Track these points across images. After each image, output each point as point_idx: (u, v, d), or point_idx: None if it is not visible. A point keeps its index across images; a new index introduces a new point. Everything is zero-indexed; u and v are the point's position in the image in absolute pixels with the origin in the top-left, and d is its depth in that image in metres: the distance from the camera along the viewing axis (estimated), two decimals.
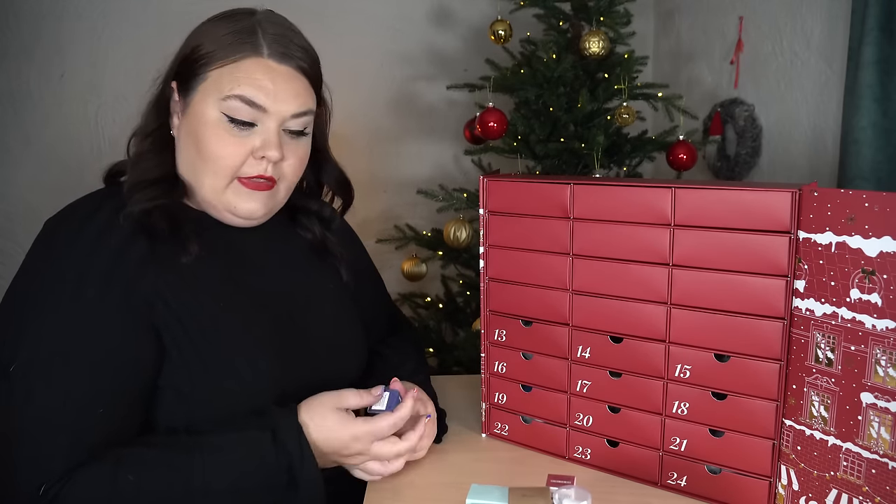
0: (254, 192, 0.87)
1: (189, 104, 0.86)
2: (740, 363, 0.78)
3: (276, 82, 0.85)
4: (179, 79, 0.87)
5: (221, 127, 0.84)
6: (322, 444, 0.81)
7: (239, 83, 0.83)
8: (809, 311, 0.73)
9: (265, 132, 0.85)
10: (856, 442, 0.70)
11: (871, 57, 1.35)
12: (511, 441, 0.99)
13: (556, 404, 0.94)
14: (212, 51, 0.84)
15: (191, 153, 0.87)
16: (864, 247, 0.67)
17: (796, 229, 0.73)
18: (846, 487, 0.71)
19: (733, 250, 0.77)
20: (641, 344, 0.85)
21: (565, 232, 0.89)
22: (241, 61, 0.84)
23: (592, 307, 0.88)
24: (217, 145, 0.84)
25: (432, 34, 2.36)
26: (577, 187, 0.87)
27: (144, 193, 0.84)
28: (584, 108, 1.65)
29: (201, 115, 0.85)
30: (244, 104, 0.83)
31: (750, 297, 0.77)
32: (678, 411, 0.84)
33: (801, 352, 0.74)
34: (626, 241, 0.84)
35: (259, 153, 0.85)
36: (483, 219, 0.97)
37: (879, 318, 0.67)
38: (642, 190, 0.82)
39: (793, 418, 0.76)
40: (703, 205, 0.78)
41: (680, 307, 0.82)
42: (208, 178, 0.86)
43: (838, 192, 0.68)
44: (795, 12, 1.73)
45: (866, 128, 1.37)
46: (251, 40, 0.85)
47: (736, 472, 0.81)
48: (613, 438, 0.90)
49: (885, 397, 0.67)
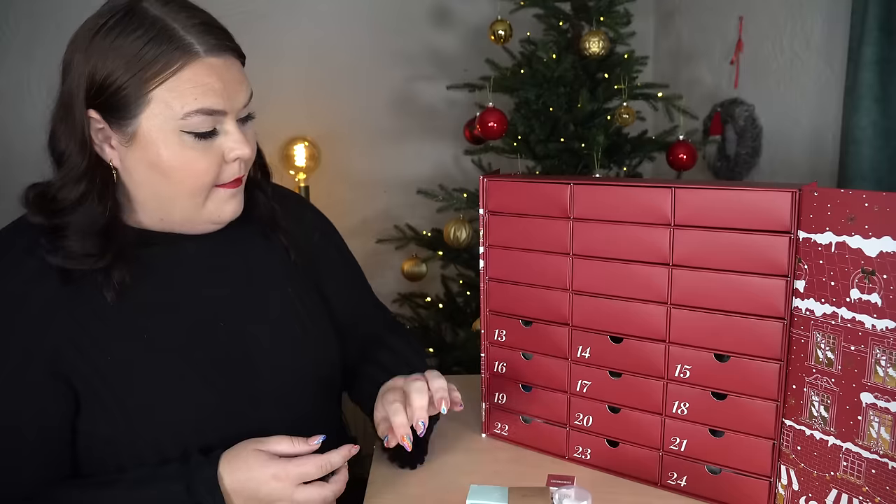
0: (231, 191, 0.83)
1: (134, 133, 0.77)
2: (740, 363, 0.78)
3: (223, 79, 0.78)
4: (101, 108, 0.76)
5: (186, 146, 0.77)
6: (238, 491, 0.76)
7: (193, 96, 0.76)
8: (809, 311, 0.73)
9: (228, 134, 0.80)
10: (856, 442, 0.70)
11: (871, 57, 1.36)
12: (511, 441, 0.99)
13: (556, 404, 0.94)
14: (133, 70, 0.74)
15: (154, 183, 0.79)
16: (864, 247, 0.67)
17: (796, 229, 0.73)
18: (846, 487, 0.71)
19: (733, 250, 0.77)
20: (641, 344, 0.85)
21: (565, 232, 0.89)
22: (181, 71, 0.75)
23: (592, 307, 0.88)
24: (190, 166, 0.78)
25: (432, 34, 2.36)
26: (576, 187, 0.87)
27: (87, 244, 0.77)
28: (584, 108, 1.65)
29: (159, 141, 0.77)
30: (205, 116, 0.77)
31: (750, 297, 0.77)
32: (678, 411, 0.84)
33: (801, 352, 0.74)
34: (626, 241, 0.84)
35: (232, 156, 0.80)
36: (483, 219, 0.97)
37: (879, 318, 0.67)
38: (642, 190, 0.82)
39: (793, 418, 0.76)
40: (703, 205, 0.78)
41: (680, 307, 0.82)
42: (183, 200, 0.81)
43: (838, 192, 0.68)
44: (795, 12, 1.73)
45: (866, 128, 1.38)
46: (177, 43, 0.75)
47: (736, 472, 0.81)
48: (613, 438, 0.90)
49: (885, 397, 0.67)
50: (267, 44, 2.28)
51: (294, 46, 2.31)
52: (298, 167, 2.30)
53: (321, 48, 2.34)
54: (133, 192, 0.81)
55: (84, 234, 0.77)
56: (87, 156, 0.78)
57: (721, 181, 0.94)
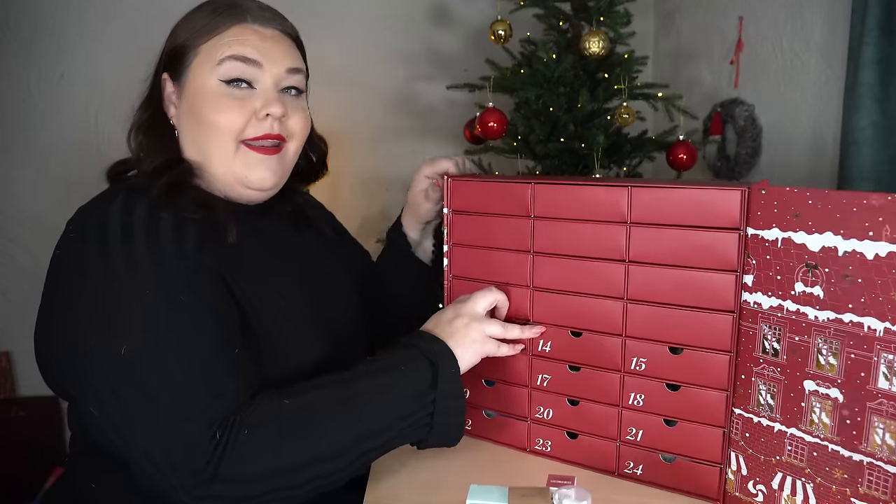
0: (263, 157, 0.89)
1: (184, 85, 0.88)
2: (693, 355, 0.82)
3: (265, 42, 0.88)
4: (170, 69, 0.90)
5: (221, 93, 0.86)
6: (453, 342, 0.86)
7: (230, 45, 0.86)
8: (757, 304, 0.77)
9: (264, 92, 0.88)
10: (799, 427, 0.74)
11: (871, 57, 1.35)
12: (474, 435, 1.01)
13: (518, 398, 0.96)
14: (195, 32, 0.87)
15: (194, 131, 0.88)
16: (808, 242, 0.71)
17: (745, 226, 0.77)
18: (790, 470, 0.75)
19: (686, 247, 0.81)
20: (600, 338, 0.88)
21: (526, 230, 0.91)
22: (227, 29, 0.87)
23: (553, 303, 0.91)
24: (218, 112, 0.86)
25: (432, 34, 2.37)
26: (537, 187, 0.90)
27: (164, 176, 0.84)
28: (584, 108, 1.64)
29: (199, 88, 0.87)
30: (238, 62, 0.86)
31: (702, 291, 0.80)
32: (634, 403, 0.87)
33: (749, 343, 0.78)
34: (584, 238, 0.87)
35: (262, 112, 0.87)
36: (447, 218, 0.98)
37: (821, 310, 0.71)
38: (600, 189, 0.85)
39: (742, 407, 0.80)
40: (658, 203, 0.82)
41: (636, 302, 0.85)
42: (215, 148, 0.87)
43: (784, 191, 0.73)
44: (795, 12, 1.72)
45: (866, 128, 1.37)
46: (233, 12, 0.88)
47: (689, 459, 0.84)
48: (573, 430, 0.92)
49: (826, 384, 0.71)
50: None
51: None
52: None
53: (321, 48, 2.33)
54: (185, 148, 0.90)
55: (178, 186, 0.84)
56: (155, 112, 0.90)
57: (674, 181, 0.97)
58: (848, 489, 0.70)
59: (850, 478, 0.70)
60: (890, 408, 0.67)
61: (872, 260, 0.67)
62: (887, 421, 0.67)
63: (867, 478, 0.69)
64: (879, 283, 0.66)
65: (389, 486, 0.89)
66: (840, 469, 0.71)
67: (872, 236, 0.66)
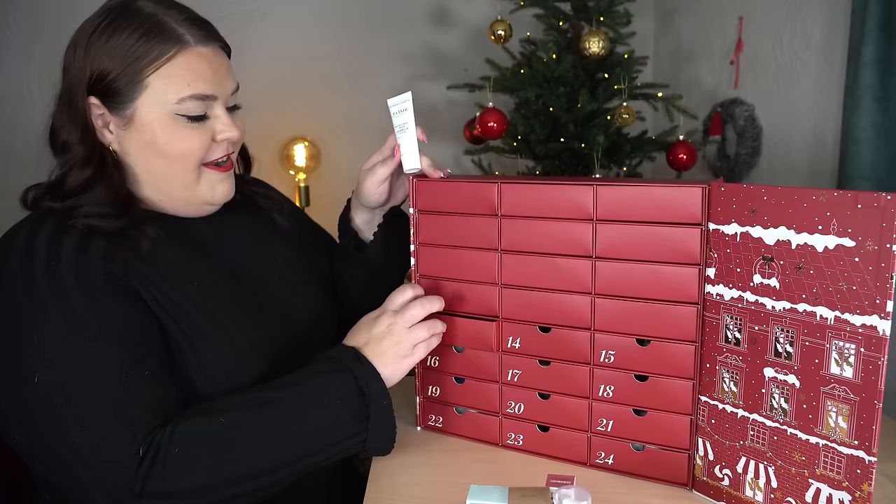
0: (223, 175, 0.92)
1: (132, 116, 0.85)
2: (660, 346, 0.85)
3: (213, 67, 0.88)
4: (100, 95, 0.84)
5: (180, 125, 0.86)
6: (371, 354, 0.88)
7: (186, 82, 0.85)
8: (719, 295, 0.80)
9: (218, 118, 0.89)
10: (760, 413, 0.78)
11: (871, 57, 1.37)
12: (445, 432, 1.02)
13: (489, 394, 0.98)
14: (131, 60, 0.83)
15: (151, 162, 0.88)
16: (764, 236, 0.74)
17: (706, 221, 0.80)
18: (753, 454, 0.79)
19: (651, 242, 0.83)
20: (568, 332, 0.90)
21: (493, 229, 0.93)
22: (174, 59, 0.84)
23: (521, 300, 0.93)
24: (183, 143, 0.86)
25: (432, 34, 2.36)
26: (504, 186, 0.91)
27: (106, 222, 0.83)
28: (584, 108, 1.64)
29: (155, 123, 0.85)
30: (198, 101, 0.86)
31: (667, 284, 0.83)
32: (604, 394, 0.89)
33: (713, 333, 0.81)
34: (551, 235, 0.89)
35: (220, 137, 0.89)
36: (413, 218, 0.99)
37: (778, 300, 0.74)
38: (566, 187, 0.87)
39: (707, 395, 0.83)
40: (623, 200, 0.84)
41: (603, 296, 0.87)
42: (180, 177, 0.88)
43: (741, 187, 0.76)
44: (795, 12, 1.73)
45: (866, 128, 1.39)
46: (168, 36, 0.84)
47: (658, 447, 0.87)
48: (544, 424, 0.94)
49: (784, 371, 0.75)
50: (268, 43, 2.25)
51: (295, 46, 2.27)
52: (298, 167, 2.26)
53: (322, 48, 2.30)
54: (134, 171, 0.89)
55: (100, 206, 0.83)
56: (89, 141, 0.85)
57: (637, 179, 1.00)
58: (806, 471, 0.74)
59: (808, 460, 0.74)
60: (841, 392, 0.71)
61: (822, 252, 0.70)
62: (839, 404, 0.71)
63: (823, 459, 0.73)
64: (829, 274, 0.70)
65: (389, 486, 0.89)
66: (798, 452, 0.75)
67: (822, 230, 0.70)
